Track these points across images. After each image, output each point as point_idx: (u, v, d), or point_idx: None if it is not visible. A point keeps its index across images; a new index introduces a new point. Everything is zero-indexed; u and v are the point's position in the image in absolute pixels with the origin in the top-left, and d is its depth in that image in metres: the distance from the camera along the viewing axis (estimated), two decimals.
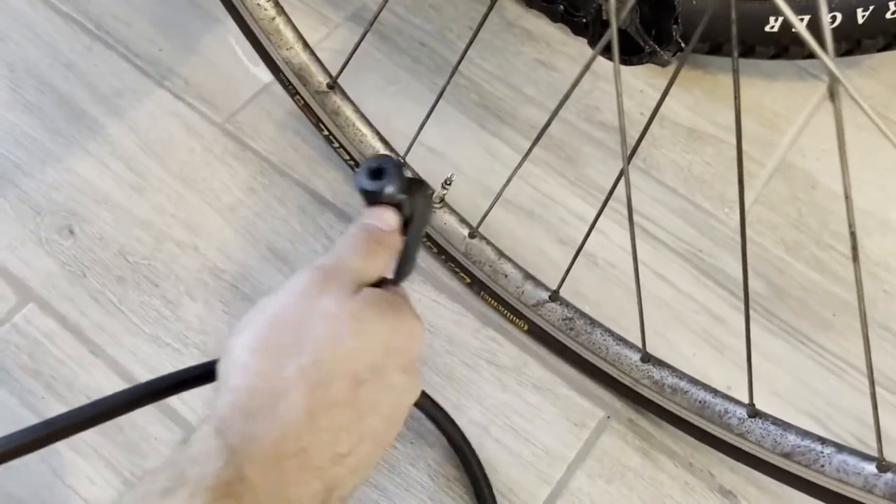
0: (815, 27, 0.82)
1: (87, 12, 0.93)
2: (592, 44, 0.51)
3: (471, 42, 0.63)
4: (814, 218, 0.84)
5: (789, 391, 0.75)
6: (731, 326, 0.78)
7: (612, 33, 0.42)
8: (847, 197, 0.43)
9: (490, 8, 0.59)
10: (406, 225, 0.50)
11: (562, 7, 0.51)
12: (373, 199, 0.49)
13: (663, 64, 0.49)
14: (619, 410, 0.73)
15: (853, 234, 0.45)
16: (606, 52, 0.51)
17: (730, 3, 0.42)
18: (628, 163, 0.52)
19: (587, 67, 0.47)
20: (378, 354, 0.45)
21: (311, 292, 0.44)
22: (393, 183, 0.48)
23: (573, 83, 0.47)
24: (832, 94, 0.38)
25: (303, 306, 0.44)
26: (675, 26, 0.47)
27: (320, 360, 0.42)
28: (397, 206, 0.50)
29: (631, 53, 0.49)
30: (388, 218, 0.49)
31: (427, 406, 0.69)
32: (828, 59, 0.35)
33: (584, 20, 0.51)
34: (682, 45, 0.48)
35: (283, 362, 0.42)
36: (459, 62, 0.66)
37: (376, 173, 0.49)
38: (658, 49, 0.47)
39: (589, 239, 0.68)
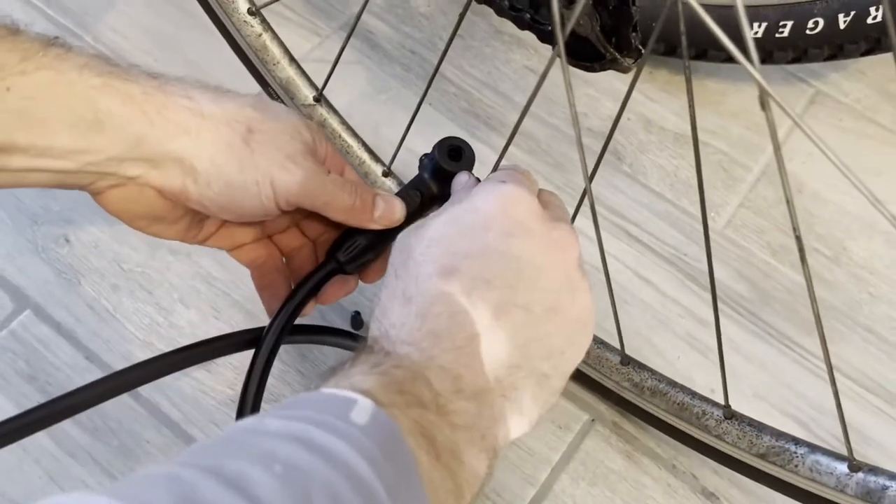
0: (801, 32, 0.83)
1: (85, 24, 0.95)
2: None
3: (450, 41, 0.63)
4: (800, 221, 0.84)
5: (773, 394, 0.76)
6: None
7: (559, 42, 0.43)
8: (788, 201, 0.44)
9: (466, 8, 0.60)
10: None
11: (528, 15, 0.52)
12: (443, 174, 0.56)
13: (624, 70, 0.50)
14: (603, 413, 0.74)
15: (798, 238, 0.46)
16: (571, 57, 0.52)
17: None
18: (590, 181, 0.53)
19: (547, 70, 0.48)
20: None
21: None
22: (469, 164, 0.56)
23: (537, 84, 0.48)
24: (763, 105, 0.39)
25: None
26: (634, 34, 0.48)
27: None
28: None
29: (593, 60, 0.50)
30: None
31: None
32: (753, 69, 0.36)
33: (549, 28, 0.52)
34: (642, 51, 0.49)
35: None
36: (440, 62, 0.67)
37: (454, 152, 0.56)
38: (618, 56, 0.48)
39: None
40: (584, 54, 0.50)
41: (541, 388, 0.46)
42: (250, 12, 0.73)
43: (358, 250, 0.56)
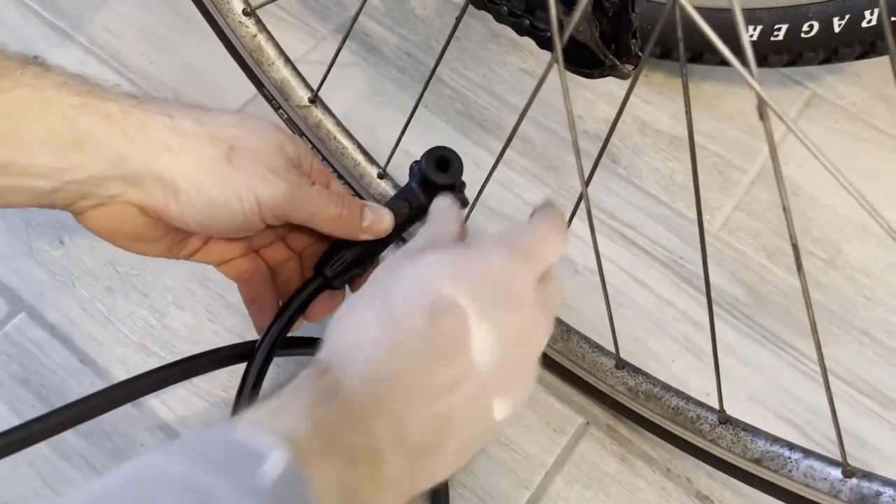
0: (796, 36, 0.83)
1: (80, 27, 0.95)
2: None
3: (447, 43, 0.63)
4: (795, 224, 0.84)
5: (768, 397, 0.76)
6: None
7: (557, 49, 0.43)
8: (785, 209, 0.44)
9: (463, 11, 0.60)
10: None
11: (527, 21, 0.52)
12: (430, 184, 0.56)
13: (624, 77, 0.50)
14: (597, 416, 0.74)
15: (795, 247, 0.46)
16: (570, 64, 0.52)
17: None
18: (587, 186, 0.53)
19: (544, 77, 0.48)
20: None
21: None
22: (456, 175, 0.56)
23: (534, 90, 0.48)
24: (761, 115, 0.39)
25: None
26: (633, 40, 0.48)
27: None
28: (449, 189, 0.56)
29: (592, 67, 0.50)
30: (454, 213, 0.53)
31: None
32: (752, 80, 0.36)
33: (548, 34, 0.52)
34: (641, 57, 0.49)
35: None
36: (437, 65, 0.67)
37: (442, 163, 0.55)
38: (618, 63, 0.48)
39: (570, 247, 0.69)
40: (583, 61, 0.50)
41: (470, 449, 0.45)
42: (245, 13, 0.73)
43: (345, 265, 0.56)
